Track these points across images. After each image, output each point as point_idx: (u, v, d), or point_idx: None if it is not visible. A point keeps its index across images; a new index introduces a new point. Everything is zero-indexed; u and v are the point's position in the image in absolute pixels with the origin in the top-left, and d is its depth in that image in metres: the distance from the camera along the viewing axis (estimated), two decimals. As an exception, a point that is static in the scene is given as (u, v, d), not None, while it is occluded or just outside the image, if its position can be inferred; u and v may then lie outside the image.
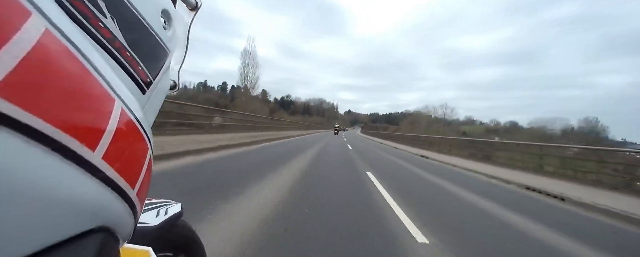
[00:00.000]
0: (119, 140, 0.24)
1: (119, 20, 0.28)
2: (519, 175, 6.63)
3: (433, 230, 2.20)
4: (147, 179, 0.31)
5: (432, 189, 4.07)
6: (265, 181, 3.34)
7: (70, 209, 0.19)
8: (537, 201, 4.03)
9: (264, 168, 4.27)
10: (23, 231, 0.16)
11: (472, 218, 2.69)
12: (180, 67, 0.50)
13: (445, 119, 65.50)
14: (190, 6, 0.50)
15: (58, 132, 0.18)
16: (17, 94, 0.16)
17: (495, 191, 4.47)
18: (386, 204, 2.86)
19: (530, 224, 2.71)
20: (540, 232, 2.50)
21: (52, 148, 0.18)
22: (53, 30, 0.20)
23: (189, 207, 1.50)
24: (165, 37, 0.38)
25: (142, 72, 0.33)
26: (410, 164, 7.25)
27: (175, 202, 0.66)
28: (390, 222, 2.29)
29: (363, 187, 3.60)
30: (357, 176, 4.48)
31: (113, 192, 0.24)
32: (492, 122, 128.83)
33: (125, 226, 0.27)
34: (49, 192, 0.18)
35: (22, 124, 0.16)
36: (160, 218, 0.55)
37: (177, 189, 2.64)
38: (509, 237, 2.26)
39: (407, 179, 4.72)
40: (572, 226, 2.86)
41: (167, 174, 3.24)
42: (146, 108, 0.35)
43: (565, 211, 3.54)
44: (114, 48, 0.28)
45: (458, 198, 3.57)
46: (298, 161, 5.56)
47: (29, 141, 0.16)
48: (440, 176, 5.47)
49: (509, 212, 3.08)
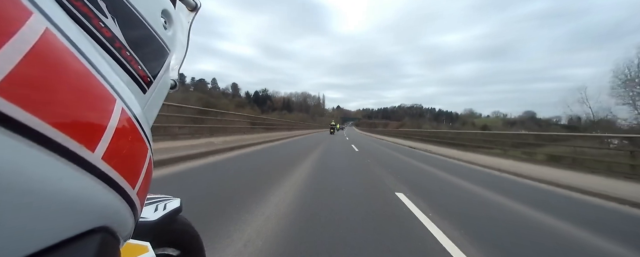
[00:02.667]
0: (119, 139, 0.24)
1: (119, 20, 0.28)
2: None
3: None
4: (148, 179, 0.31)
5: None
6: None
7: (71, 209, 0.20)
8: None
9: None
10: (24, 231, 0.16)
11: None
12: (180, 67, 0.50)
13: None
14: (190, 7, 0.50)
15: (58, 132, 0.18)
16: (17, 93, 0.16)
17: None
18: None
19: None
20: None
21: (52, 148, 0.18)
22: (54, 30, 0.19)
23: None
24: (165, 37, 0.38)
25: (143, 71, 0.33)
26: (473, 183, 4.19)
27: (174, 197, 0.65)
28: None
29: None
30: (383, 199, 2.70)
31: (113, 192, 0.24)
32: (495, 114, 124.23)
33: (125, 226, 0.27)
34: (49, 192, 0.18)
35: (22, 125, 0.16)
36: (159, 213, 0.54)
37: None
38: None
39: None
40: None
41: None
42: (146, 108, 0.35)
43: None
44: (115, 48, 0.28)
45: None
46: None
47: (28, 141, 0.16)
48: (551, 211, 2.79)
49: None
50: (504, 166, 6.27)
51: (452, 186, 3.84)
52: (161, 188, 2.66)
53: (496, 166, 6.22)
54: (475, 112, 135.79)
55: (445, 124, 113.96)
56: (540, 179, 4.72)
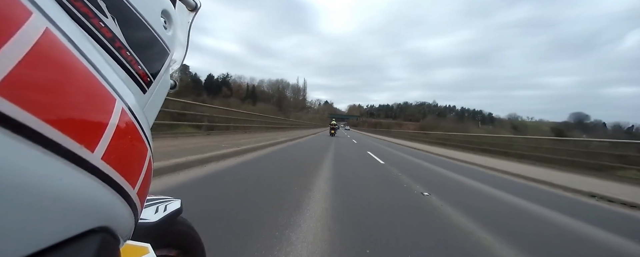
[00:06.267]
0: (119, 139, 0.24)
1: (119, 20, 0.28)
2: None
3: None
4: (148, 179, 0.31)
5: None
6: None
7: (70, 209, 0.19)
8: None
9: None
10: (23, 231, 0.16)
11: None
12: (179, 67, 0.49)
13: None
14: (190, 7, 0.50)
15: (58, 132, 0.18)
16: (17, 93, 0.16)
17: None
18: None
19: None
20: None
21: (52, 148, 0.18)
22: (54, 30, 0.20)
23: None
24: (165, 37, 0.38)
25: (143, 71, 0.33)
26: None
27: (174, 198, 0.64)
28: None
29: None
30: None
31: (113, 192, 0.24)
32: (516, 117, 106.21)
33: (125, 226, 0.27)
34: (49, 192, 0.18)
35: (22, 125, 0.16)
36: (160, 214, 0.54)
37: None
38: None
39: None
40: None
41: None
42: (146, 108, 0.35)
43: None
44: (115, 48, 0.28)
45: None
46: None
47: (28, 141, 0.16)
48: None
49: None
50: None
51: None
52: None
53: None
54: (516, 115, 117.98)
55: (480, 126, 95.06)
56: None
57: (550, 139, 9.63)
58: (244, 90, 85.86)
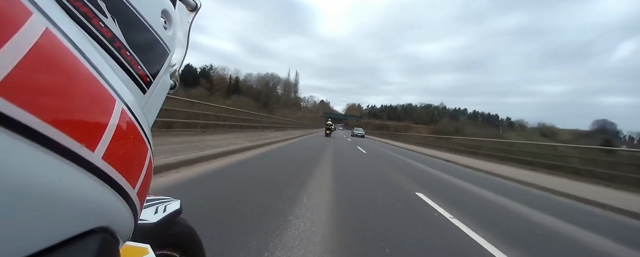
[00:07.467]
0: (119, 140, 0.24)
1: (119, 20, 0.28)
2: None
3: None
4: (148, 179, 0.31)
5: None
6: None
7: (70, 209, 0.19)
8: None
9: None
10: (23, 231, 0.16)
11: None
12: (180, 67, 0.49)
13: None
14: (190, 7, 0.50)
15: (58, 132, 0.18)
16: (16, 93, 0.16)
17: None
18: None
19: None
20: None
21: (52, 148, 0.17)
22: (54, 30, 0.19)
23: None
24: (165, 37, 0.38)
25: (142, 72, 0.32)
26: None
27: (174, 199, 0.64)
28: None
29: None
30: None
31: (113, 192, 0.24)
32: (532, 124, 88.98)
33: (125, 226, 0.27)
34: (49, 192, 0.17)
35: (22, 124, 0.16)
36: (159, 215, 0.53)
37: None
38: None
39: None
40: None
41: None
42: (146, 108, 0.35)
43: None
44: (114, 48, 0.27)
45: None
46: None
47: (28, 141, 0.16)
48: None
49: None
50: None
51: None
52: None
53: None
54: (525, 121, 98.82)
55: (500, 131, 77.79)
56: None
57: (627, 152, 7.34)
58: (226, 83, 74.65)
